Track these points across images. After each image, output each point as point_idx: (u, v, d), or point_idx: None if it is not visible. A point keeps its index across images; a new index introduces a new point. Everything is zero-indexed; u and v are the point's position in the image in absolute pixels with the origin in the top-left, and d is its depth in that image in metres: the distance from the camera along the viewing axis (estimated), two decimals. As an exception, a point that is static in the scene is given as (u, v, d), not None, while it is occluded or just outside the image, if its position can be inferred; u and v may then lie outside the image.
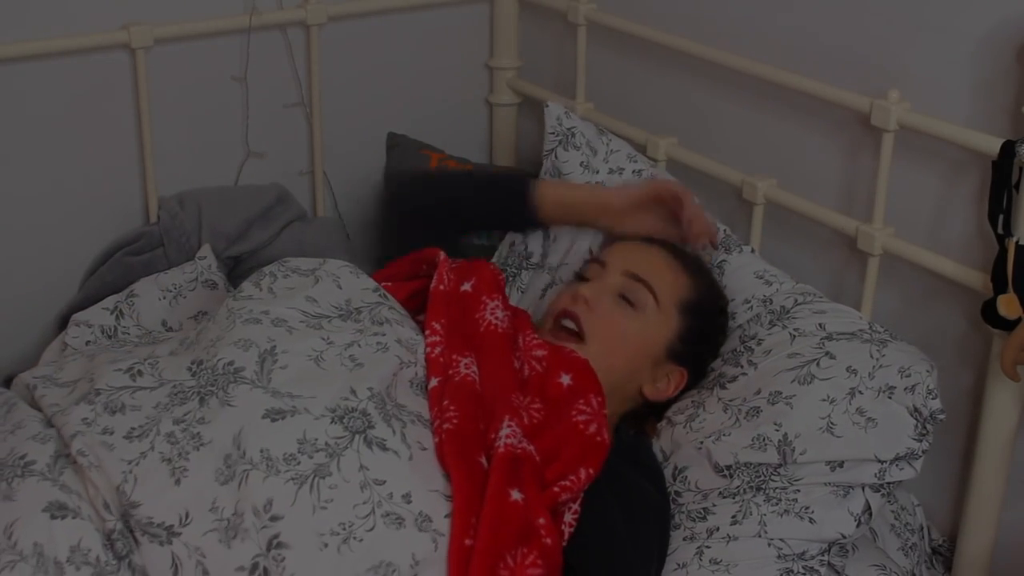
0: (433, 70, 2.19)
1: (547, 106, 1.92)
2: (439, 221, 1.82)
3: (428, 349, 1.51)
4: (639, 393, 1.64)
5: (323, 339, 1.47)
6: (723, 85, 1.89)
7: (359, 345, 1.48)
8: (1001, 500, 1.62)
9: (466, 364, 1.49)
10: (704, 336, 1.67)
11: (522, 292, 1.87)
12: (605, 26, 2.02)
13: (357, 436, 1.37)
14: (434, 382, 1.47)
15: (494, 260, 1.95)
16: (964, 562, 1.64)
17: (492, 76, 2.26)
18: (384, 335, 1.51)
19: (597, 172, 1.86)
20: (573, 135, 1.89)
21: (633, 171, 1.86)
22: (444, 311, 1.56)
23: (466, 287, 1.62)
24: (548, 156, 1.90)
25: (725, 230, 1.80)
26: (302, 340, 1.46)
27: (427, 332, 1.53)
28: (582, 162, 1.88)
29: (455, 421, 1.42)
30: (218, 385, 1.40)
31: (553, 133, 1.90)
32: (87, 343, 1.73)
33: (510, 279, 1.88)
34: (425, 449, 1.40)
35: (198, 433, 1.36)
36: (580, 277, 1.70)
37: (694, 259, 1.73)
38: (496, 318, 1.57)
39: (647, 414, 1.67)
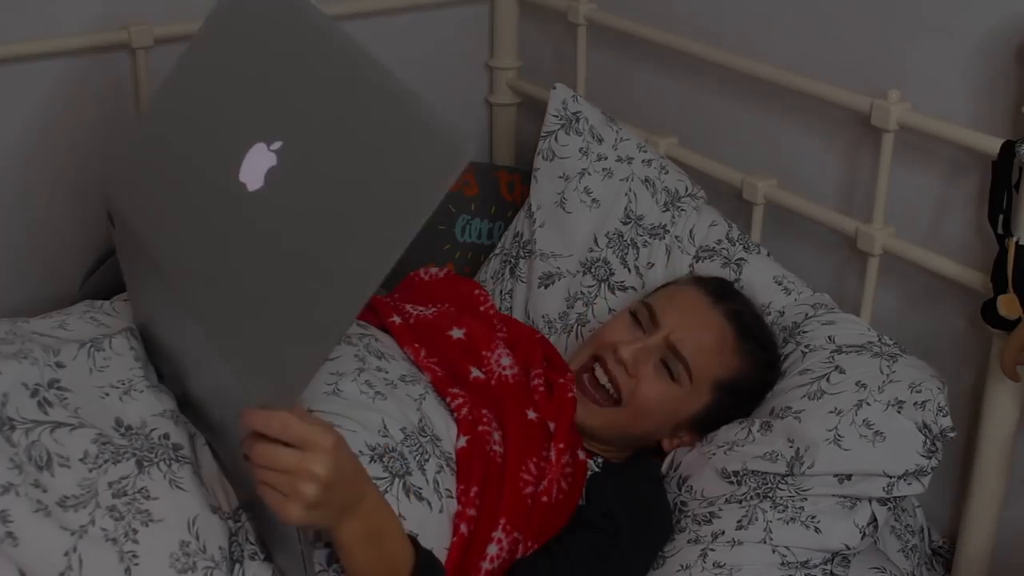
0: (433, 70, 2.19)
1: (555, 87, 1.92)
2: None
3: (455, 413, 1.48)
4: (656, 443, 1.65)
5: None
6: (723, 85, 1.88)
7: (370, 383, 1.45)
8: (1001, 500, 1.62)
9: (496, 442, 1.47)
10: (730, 410, 1.63)
11: (523, 281, 1.87)
12: (605, 26, 2.02)
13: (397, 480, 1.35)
14: (462, 441, 1.45)
15: (496, 251, 1.95)
16: (964, 563, 1.64)
17: (492, 76, 2.26)
18: (388, 371, 1.49)
19: (605, 159, 1.86)
20: (577, 120, 1.88)
21: (643, 160, 1.86)
22: (430, 347, 1.56)
23: (458, 334, 1.61)
24: (547, 138, 1.89)
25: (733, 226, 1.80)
26: None
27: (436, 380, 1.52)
28: (581, 148, 1.87)
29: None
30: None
31: (556, 116, 1.89)
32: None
33: (509, 270, 1.89)
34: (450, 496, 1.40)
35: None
36: (632, 315, 1.65)
37: (755, 333, 1.65)
38: (502, 367, 1.58)
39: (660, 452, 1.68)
